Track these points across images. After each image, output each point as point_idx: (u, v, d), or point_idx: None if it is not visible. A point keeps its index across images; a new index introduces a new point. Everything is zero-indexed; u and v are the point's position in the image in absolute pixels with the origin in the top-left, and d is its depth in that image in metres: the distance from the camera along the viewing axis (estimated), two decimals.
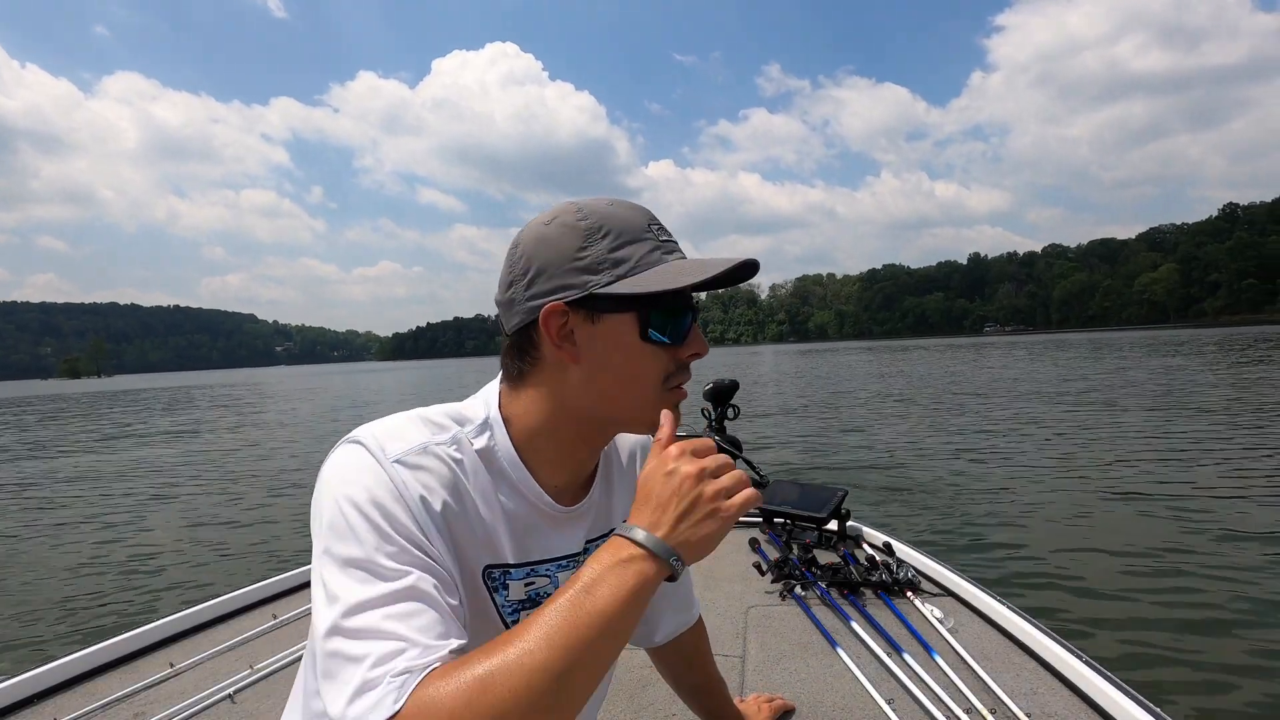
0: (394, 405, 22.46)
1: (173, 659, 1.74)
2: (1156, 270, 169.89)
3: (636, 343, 0.66)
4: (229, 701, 1.55)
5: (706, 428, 3.62)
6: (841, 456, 8.86)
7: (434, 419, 0.68)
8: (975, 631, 1.68)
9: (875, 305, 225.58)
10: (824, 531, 2.42)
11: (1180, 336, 61.04)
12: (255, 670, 1.66)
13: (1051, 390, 15.93)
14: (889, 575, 1.96)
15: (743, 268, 0.66)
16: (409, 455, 0.63)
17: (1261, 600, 3.59)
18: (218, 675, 1.66)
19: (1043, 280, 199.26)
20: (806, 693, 1.49)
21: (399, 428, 0.66)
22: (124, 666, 1.74)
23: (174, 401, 33.45)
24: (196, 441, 14.92)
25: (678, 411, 0.69)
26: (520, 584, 0.70)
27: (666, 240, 0.67)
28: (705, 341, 0.69)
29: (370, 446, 0.62)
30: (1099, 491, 6.13)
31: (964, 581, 1.88)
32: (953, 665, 1.52)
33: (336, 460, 0.63)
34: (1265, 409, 10.69)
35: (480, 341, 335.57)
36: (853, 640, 1.70)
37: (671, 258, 0.67)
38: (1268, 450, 7.41)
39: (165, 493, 8.80)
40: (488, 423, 0.71)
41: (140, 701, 1.56)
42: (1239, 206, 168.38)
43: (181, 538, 6.41)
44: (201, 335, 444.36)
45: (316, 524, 0.60)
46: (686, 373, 0.69)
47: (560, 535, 0.74)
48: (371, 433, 0.64)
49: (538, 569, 0.72)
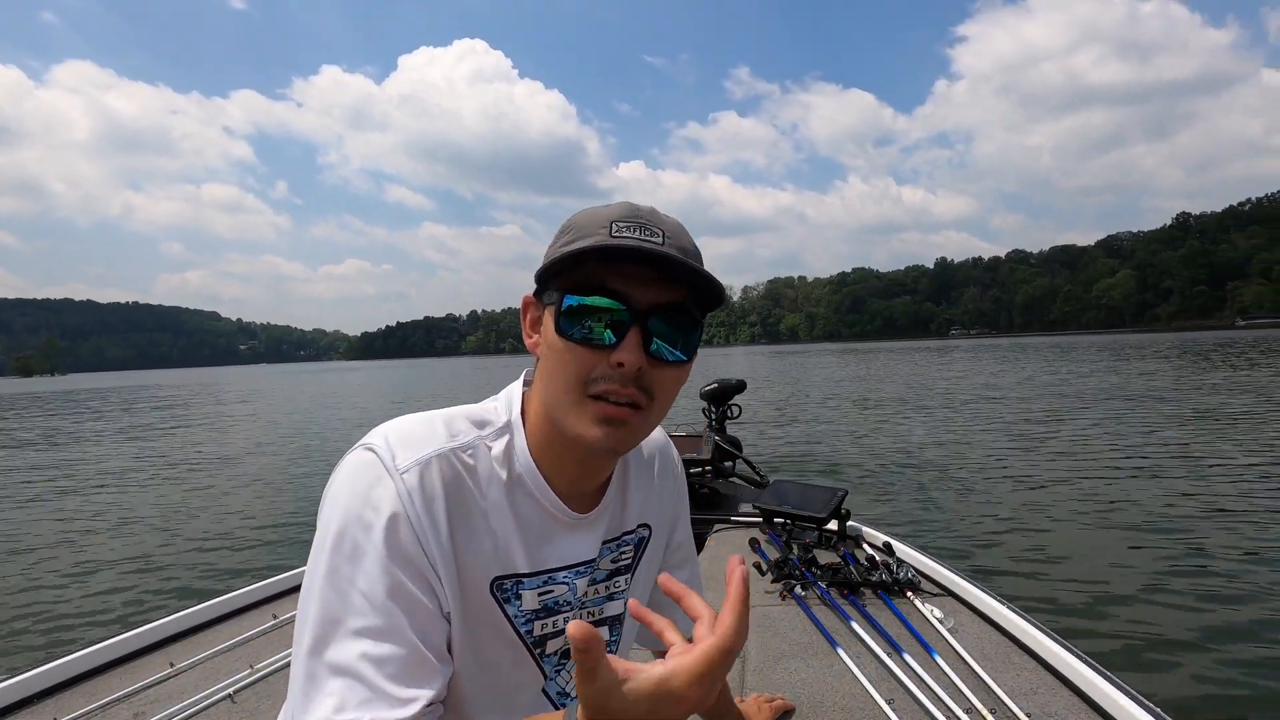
0: (369, 402, 22.16)
1: (173, 659, 1.73)
2: (1114, 276, 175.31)
3: (554, 335, 0.63)
4: (229, 701, 1.55)
5: (707, 428, 3.64)
6: (841, 457, 8.86)
7: (454, 423, 0.68)
8: (975, 631, 1.69)
9: (845, 308, 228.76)
10: (824, 531, 2.44)
11: (1138, 341, 62.44)
12: (255, 670, 1.66)
13: (1050, 391, 16.03)
14: (889, 575, 1.97)
15: (660, 261, 0.60)
16: (420, 466, 0.62)
17: (1262, 600, 3.61)
18: (218, 675, 1.65)
19: (1006, 285, 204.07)
20: (806, 693, 1.49)
21: (415, 433, 0.65)
22: (124, 666, 1.72)
23: (157, 400, 32.61)
24: (193, 439, 14.74)
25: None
26: (534, 593, 0.69)
27: (627, 237, 0.61)
28: (635, 351, 0.60)
29: (382, 455, 0.62)
30: (1099, 492, 6.17)
31: (964, 581, 1.90)
32: (953, 665, 1.52)
33: (348, 468, 0.63)
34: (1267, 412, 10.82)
35: (451, 341, 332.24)
36: (853, 640, 1.71)
37: (587, 242, 0.61)
38: (1271, 454, 7.43)
39: (166, 492, 8.76)
40: (508, 426, 0.70)
41: (140, 701, 1.56)
42: (1191, 216, 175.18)
43: (181, 538, 6.38)
44: (162, 333, 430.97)
45: (322, 531, 0.60)
46: (618, 383, 0.61)
47: (577, 541, 0.73)
48: (386, 438, 0.64)
49: (554, 576, 0.71)
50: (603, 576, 0.78)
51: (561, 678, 0.76)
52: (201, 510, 7.49)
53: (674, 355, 0.64)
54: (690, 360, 0.66)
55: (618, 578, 0.80)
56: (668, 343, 0.63)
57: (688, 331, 0.64)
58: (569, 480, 0.71)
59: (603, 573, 0.78)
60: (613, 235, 0.61)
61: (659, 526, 0.86)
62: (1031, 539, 4.90)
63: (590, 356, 0.62)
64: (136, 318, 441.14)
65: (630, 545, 0.81)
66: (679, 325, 0.64)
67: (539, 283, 0.66)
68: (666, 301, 0.62)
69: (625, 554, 0.81)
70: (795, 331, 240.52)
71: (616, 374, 0.61)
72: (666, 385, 0.64)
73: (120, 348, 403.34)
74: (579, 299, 0.61)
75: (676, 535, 0.92)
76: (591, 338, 0.61)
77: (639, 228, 0.62)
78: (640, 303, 0.61)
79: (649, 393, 0.63)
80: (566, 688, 0.76)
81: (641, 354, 0.61)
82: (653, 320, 0.62)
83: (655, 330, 0.62)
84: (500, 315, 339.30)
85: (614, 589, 0.80)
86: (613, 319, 0.61)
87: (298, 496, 7.95)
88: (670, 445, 0.91)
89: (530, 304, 0.69)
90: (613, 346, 0.61)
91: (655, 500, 0.85)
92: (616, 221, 0.62)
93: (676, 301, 0.63)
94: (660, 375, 0.63)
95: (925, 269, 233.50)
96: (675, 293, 0.62)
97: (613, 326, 0.61)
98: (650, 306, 0.62)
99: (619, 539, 0.80)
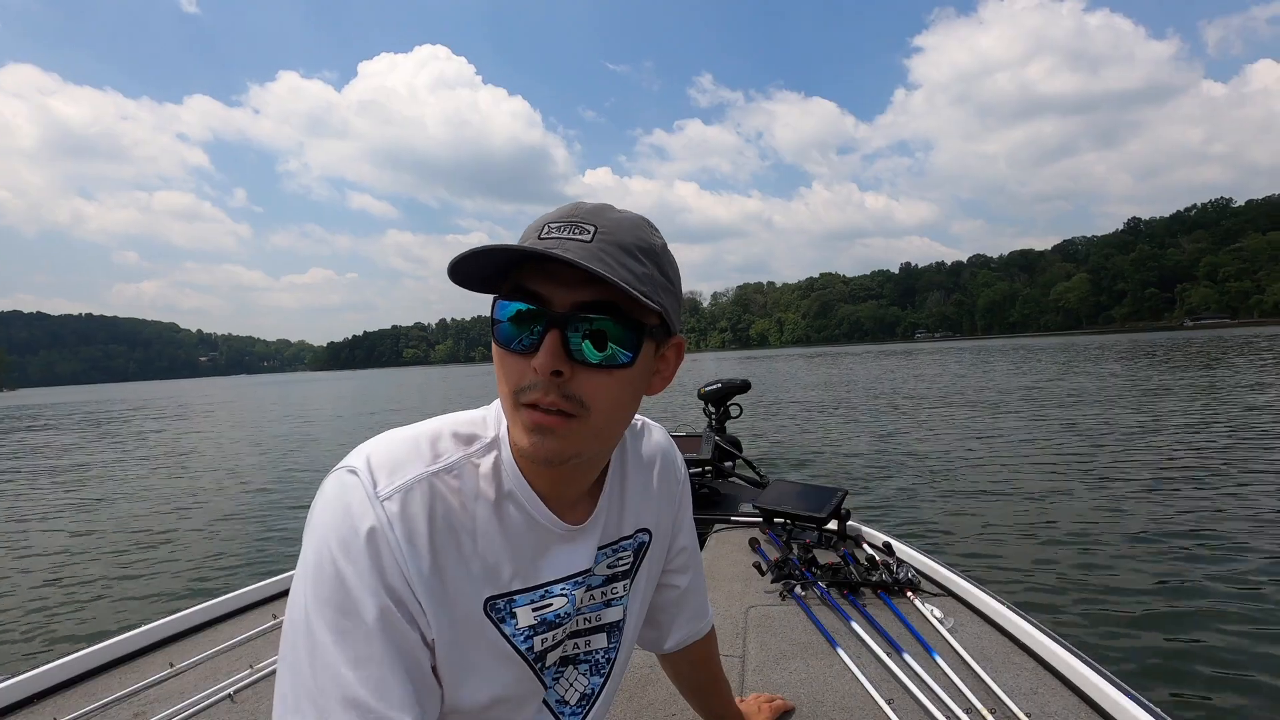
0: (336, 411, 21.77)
1: (173, 659, 1.73)
2: (1070, 280, 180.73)
3: (494, 345, 0.62)
4: (229, 701, 1.55)
5: (707, 428, 3.64)
6: (841, 456, 8.88)
7: (439, 441, 0.66)
8: (975, 631, 1.70)
9: (813, 313, 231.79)
10: (824, 531, 2.44)
11: (1098, 342, 63.69)
12: (255, 670, 1.66)
13: (1050, 393, 16.11)
14: (889, 575, 1.98)
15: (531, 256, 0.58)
16: (403, 492, 0.61)
17: (1263, 600, 3.62)
18: (218, 675, 1.65)
19: (969, 289, 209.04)
20: (806, 693, 1.49)
21: (398, 455, 0.63)
22: (124, 666, 1.72)
23: (142, 412, 32.05)
24: (188, 443, 14.92)
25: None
26: (528, 609, 0.68)
27: (554, 238, 0.58)
28: (548, 355, 0.57)
29: (363, 479, 0.60)
30: (1099, 492, 6.19)
31: (964, 581, 1.90)
32: (953, 665, 1.52)
33: (329, 491, 0.61)
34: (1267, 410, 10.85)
35: (421, 350, 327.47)
36: (853, 640, 1.71)
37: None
38: (1272, 454, 7.45)
39: (166, 492, 8.86)
40: (496, 441, 0.68)
41: (140, 701, 1.56)
42: (1141, 221, 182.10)
43: (181, 538, 6.42)
44: (117, 345, 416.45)
45: (305, 555, 0.60)
46: (540, 391, 0.58)
47: (572, 552, 0.72)
48: (368, 460, 0.62)
49: (551, 589, 0.70)
50: (599, 582, 0.77)
51: (560, 686, 0.75)
52: (202, 510, 7.57)
53: (597, 357, 0.59)
54: (627, 365, 0.61)
55: (616, 584, 0.79)
56: (594, 345, 0.59)
57: (621, 333, 0.59)
58: (557, 490, 0.69)
59: (599, 578, 0.77)
60: (541, 237, 0.59)
61: (659, 531, 0.85)
62: (1032, 539, 4.91)
63: (519, 363, 0.60)
64: (90, 330, 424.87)
65: (629, 551, 0.80)
66: (607, 327, 0.59)
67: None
68: (590, 301, 0.58)
69: (623, 560, 0.80)
70: (765, 336, 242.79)
71: (540, 381, 0.58)
72: (599, 391, 0.60)
73: (72, 361, 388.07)
74: (505, 304, 0.60)
75: (680, 539, 0.92)
76: (514, 344, 0.60)
77: (569, 226, 0.59)
78: (560, 304, 0.58)
79: (578, 400, 0.59)
80: (566, 695, 0.75)
81: (556, 358, 0.57)
82: (577, 322, 0.58)
83: (579, 332, 0.58)
84: (470, 324, 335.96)
85: (612, 595, 0.79)
86: (530, 322, 0.59)
87: (298, 497, 8.05)
88: (673, 448, 0.90)
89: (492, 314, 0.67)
90: (532, 352, 0.59)
91: (654, 504, 0.83)
92: (550, 223, 0.60)
93: (604, 300, 0.59)
94: (590, 380, 0.59)
95: (890, 274, 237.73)
96: (604, 292, 0.59)
97: (530, 331, 0.59)
98: (572, 307, 0.58)
99: (616, 544, 0.78)
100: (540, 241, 0.58)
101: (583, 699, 0.77)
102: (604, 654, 0.80)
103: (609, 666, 0.80)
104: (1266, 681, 2.83)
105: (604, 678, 0.80)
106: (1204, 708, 2.71)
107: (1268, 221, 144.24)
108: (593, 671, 0.79)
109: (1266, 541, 4.53)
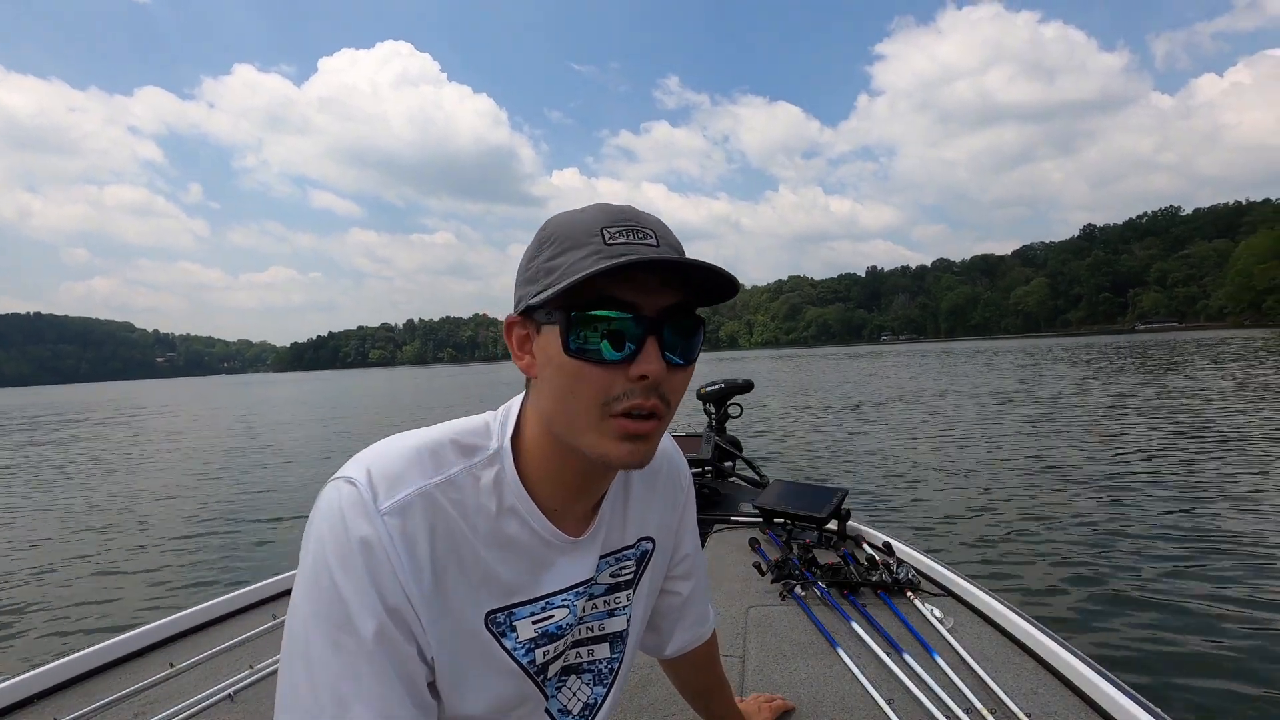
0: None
1: (173, 659, 1.73)
2: (1029, 284, 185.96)
3: (561, 356, 0.59)
4: (229, 701, 1.55)
5: (707, 428, 3.63)
6: (841, 457, 8.88)
7: (440, 451, 0.64)
8: (975, 631, 1.70)
9: (782, 315, 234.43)
10: (824, 531, 2.44)
11: (1058, 344, 64.44)
12: (255, 670, 1.66)
13: (1051, 392, 16.18)
14: (889, 575, 1.98)
15: (698, 269, 0.57)
16: (403, 506, 0.60)
17: (1263, 600, 3.62)
18: (218, 675, 1.65)
19: (932, 292, 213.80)
20: (806, 693, 1.48)
21: (398, 466, 0.62)
22: (124, 666, 1.72)
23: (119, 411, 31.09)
24: (188, 442, 14.70)
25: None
26: (528, 622, 0.68)
27: (622, 243, 0.58)
28: (657, 361, 0.58)
29: (363, 491, 0.59)
30: (1099, 492, 6.18)
31: (964, 581, 1.91)
32: (953, 665, 1.52)
33: (328, 502, 0.60)
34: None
35: (388, 351, 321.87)
36: (853, 640, 1.71)
37: (613, 262, 0.55)
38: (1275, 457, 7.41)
39: (165, 493, 8.79)
40: (499, 454, 0.67)
41: (140, 701, 1.55)
42: (1096, 227, 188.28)
43: (181, 538, 6.38)
44: (68, 345, 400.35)
45: (303, 567, 0.59)
46: (640, 397, 0.59)
47: (573, 563, 0.71)
48: (367, 471, 0.61)
49: (552, 601, 0.69)
50: (601, 591, 0.76)
51: (562, 695, 0.75)
52: (201, 511, 7.52)
53: (689, 358, 0.63)
54: (695, 361, 0.64)
55: (618, 593, 0.78)
56: (681, 346, 0.62)
57: (694, 332, 0.63)
58: (566, 502, 0.69)
59: (601, 587, 0.76)
60: (607, 243, 0.58)
61: (663, 538, 0.85)
62: (1032, 539, 4.91)
63: (606, 374, 0.59)
64: (37, 329, 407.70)
65: (631, 560, 0.80)
66: (687, 327, 0.62)
67: (525, 299, 0.63)
68: (673, 304, 0.60)
69: (626, 569, 0.79)
70: (735, 338, 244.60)
71: (638, 387, 0.59)
72: (679, 389, 0.63)
73: (17, 362, 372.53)
74: (587, 314, 0.58)
75: (683, 546, 0.91)
76: (606, 354, 0.58)
77: (630, 230, 0.59)
78: (651, 310, 0.59)
79: (666, 400, 0.61)
80: (568, 705, 0.75)
81: (663, 363, 0.59)
82: (665, 326, 0.60)
83: (668, 336, 0.60)
84: (439, 324, 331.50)
85: (615, 605, 0.78)
86: (626, 331, 0.58)
87: (299, 495, 8.04)
88: (677, 453, 0.89)
89: (516, 323, 0.65)
90: (628, 360, 0.58)
91: (657, 511, 0.83)
92: (607, 228, 0.59)
93: (683, 303, 0.61)
94: (674, 381, 0.62)
95: (857, 277, 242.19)
96: (678, 294, 0.60)
97: (628, 339, 0.58)
98: (660, 312, 0.59)
99: (618, 553, 0.78)
100: (610, 246, 0.58)
101: (585, 708, 0.77)
102: (607, 664, 0.79)
103: (612, 676, 0.80)
104: (1266, 681, 2.84)
105: (607, 687, 0.79)
106: (1204, 707, 2.71)
107: (1213, 229, 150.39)
108: (596, 681, 0.78)
109: (1267, 541, 4.55)
